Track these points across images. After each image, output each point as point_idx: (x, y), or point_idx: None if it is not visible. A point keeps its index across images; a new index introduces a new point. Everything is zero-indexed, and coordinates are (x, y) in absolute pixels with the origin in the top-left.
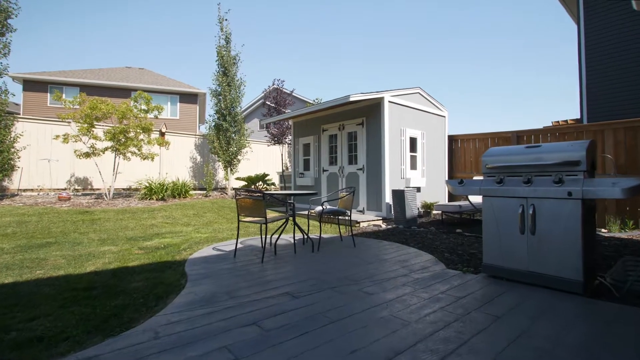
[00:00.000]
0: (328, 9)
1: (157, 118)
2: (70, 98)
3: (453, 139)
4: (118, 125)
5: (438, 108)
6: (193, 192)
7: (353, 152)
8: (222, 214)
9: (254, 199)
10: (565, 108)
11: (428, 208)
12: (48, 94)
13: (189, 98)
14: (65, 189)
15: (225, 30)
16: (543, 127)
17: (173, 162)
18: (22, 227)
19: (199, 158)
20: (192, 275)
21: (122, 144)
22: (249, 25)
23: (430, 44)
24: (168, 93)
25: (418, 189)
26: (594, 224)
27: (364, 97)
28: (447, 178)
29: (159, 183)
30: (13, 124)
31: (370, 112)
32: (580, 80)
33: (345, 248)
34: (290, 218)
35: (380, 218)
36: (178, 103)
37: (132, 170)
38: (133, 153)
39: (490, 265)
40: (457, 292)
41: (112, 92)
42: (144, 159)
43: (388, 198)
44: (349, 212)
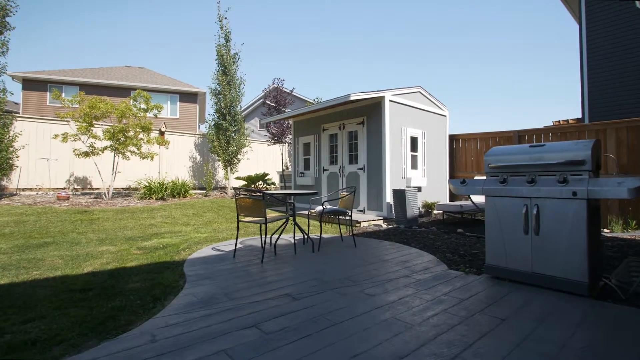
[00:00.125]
0: (328, 9)
1: (156, 117)
2: (70, 97)
3: (454, 139)
4: (117, 125)
5: (439, 107)
6: (193, 191)
7: (353, 151)
8: (221, 214)
9: (254, 199)
10: (566, 108)
11: (429, 208)
12: (48, 93)
13: (189, 97)
14: (65, 189)
15: (225, 29)
16: (544, 126)
17: (173, 161)
18: (20, 226)
19: (199, 157)
20: (190, 276)
21: (121, 143)
22: (249, 24)
23: (431, 44)
24: (168, 92)
25: (419, 189)
26: (599, 225)
27: (365, 96)
28: (448, 178)
29: (159, 182)
30: (11, 123)
31: (371, 111)
32: (582, 80)
33: (346, 248)
34: (291, 218)
35: (381, 218)
36: (178, 102)
37: (131, 170)
38: (132, 152)
39: (493, 266)
40: (460, 293)
41: (112, 91)
42: (144, 159)
43: (389, 198)
44: (350, 212)
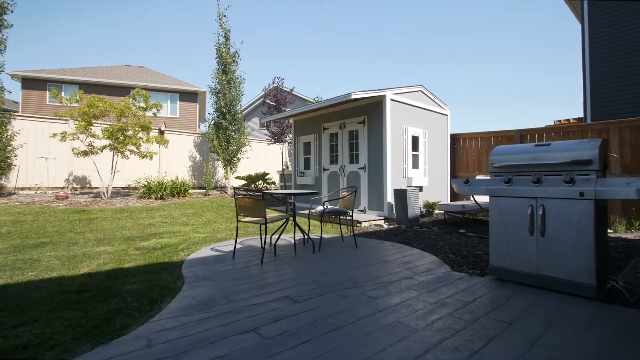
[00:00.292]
0: (328, 9)
1: (155, 116)
2: (69, 96)
3: (455, 138)
4: (116, 124)
5: (440, 106)
6: (192, 191)
7: (354, 150)
8: (221, 213)
9: (253, 199)
10: (566, 108)
11: (430, 208)
12: (47, 92)
13: (189, 96)
14: (63, 188)
15: (225, 27)
16: (545, 125)
17: (172, 160)
18: (17, 226)
19: (199, 157)
20: (189, 278)
21: (120, 142)
22: (249, 24)
23: (431, 44)
24: (168, 91)
25: (420, 189)
26: (606, 225)
27: (366, 94)
28: (449, 177)
29: (158, 182)
30: (9, 122)
31: (372, 110)
32: (584, 79)
33: (347, 249)
34: (291, 218)
35: (382, 218)
36: (178, 101)
37: (130, 169)
38: (132, 151)
39: (497, 268)
40: (464, 296)
41: (111, 90)
42: (143, 158)
43: (390, 197)
44: (351, 212)
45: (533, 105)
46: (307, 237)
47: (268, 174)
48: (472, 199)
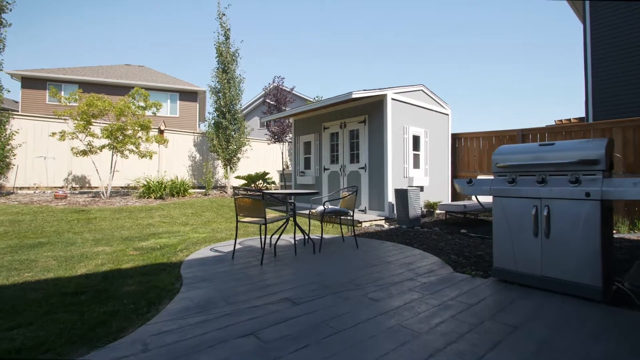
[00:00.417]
0: (328, 9)
1: (155, 115)
2: (68, 95)
3: (456, 138)
4: (115, 123)
5: (441, 106)
6: (192, 190)
7: (355, 150)
8: (221, 213)
9: (253, 199)
10: (565, 107)
11: (431, 208)
12: (47, 92)
13: (189, 96)
14: (63, 187)
15: (225, 26)
16: (546, 125)
17: (172, 160)
18: (14, 226)
19: (199, 156)
20: (187, 279)
21: (119, 142)
22: (249, 23)
23: (431, 44)
24: (168, 91)
25: (421, 188)
26: (612, 227)
27: (367, 94)
28: (450, 177)
29: (158, 181)
30: (8, 121)
31: (373, 109)
32: (586, 79)
33: (348, 249)
34: (291, 218)
35: (383, 218)
36: (178, 101)
37: (130, 169)
38: (131, 151)
39: (501, 269)
40: (467, 298)
41: (111, 89)
42: (142, 157)
43: (391, 197)
44: (352, 212)
45: (533, 105)
46: (307, 237)
47: (268, 174)
48: (473, 199)
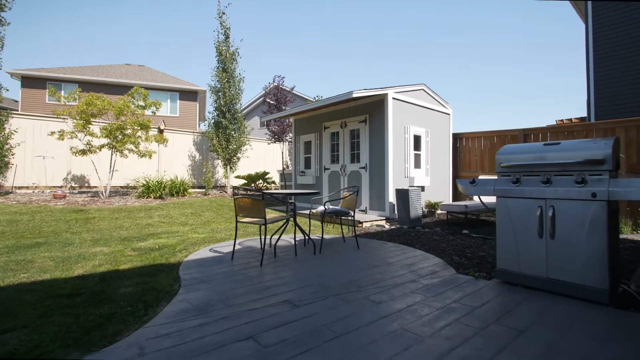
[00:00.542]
0: (328, 9)
1: (154, 115)
2: (68, 94)
3: (458, 137)
4: (115, 122)
5: (442, 105)
6: (192, 190)
7: (355, 150)
8: (220, 213)
9: (253, 199)
10: (565, 107)
11: (432, 208)
12: (47, 91)
13: (189, 95)
14: (62, 187)
15: (225, 25)
16: (547, 125)
17: (172, 160)
18: (12, 226)
19: (198, 156)
20: (186, 280)
21: (119, 141)
22: (249, 23)
23: (431, 44)
24: (168, 90)
25: (422, 188)
26: (618, 228)
27: (368, 93)
28: (451, 177)
29: (157, 181)
30: (7, 120)
31: (374, 109)
32: (588, 78)
33: (349, 250)
34: (291, 218)
35: (384, 218)
36: (178, 100)
37: (129, 168)
38: (130, 150)
39: (504, 271)
40: (471, 300)
41: (111, 89)
42: (142, 157)
43: (391, 197)
44: (353, 212)
45: (533, 105)
46: (307, 237)
47: (268, 173)
48: (474, 200)
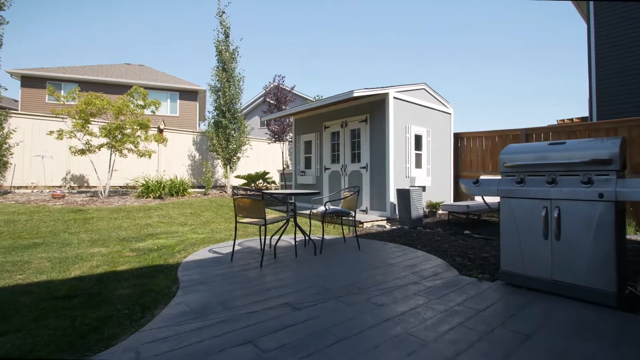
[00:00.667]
0: (328, 9)
1: (154, 114)
2: (67, 94)
3: (459, 137)
4: (114, 122)
5: (443, 105)
6: (191, 190)
7: (356, 149)
8: (220, 213)
9: (253, 199)
10: (565, 107)
11: (433, 208)
12: (46, 91)
13: (189, 95)
14: (61, 187)
15: (225, 24)
16: (548, 124)
17: (171, 159)
18: (9, 226)
19: (198, 156)
20: (184, 282)
21: (118, 141)
22: (249, 23)
23: (431, 44)
24: (168, 90)
25: (423, 188)
26: (625, 229)
27: (368, 92)
28: (452, 177)
29: (156, 181)
30: (6, 120)
31: (375, 108)
32: (590, 78)
33: (350, 251)
34: (291, 218)
35: (385, 218)
36: (178, 100)
37: (129, 168)
38: (130, 150)
39: (508, 273)
40: (475, 303)
41: (111, 88)
42: (141, 156)
43: (392, 197)
44: (353, 212)
45: (533, 105)
46: (308, 238)
47: (268, 173)
48: (476, 200)
